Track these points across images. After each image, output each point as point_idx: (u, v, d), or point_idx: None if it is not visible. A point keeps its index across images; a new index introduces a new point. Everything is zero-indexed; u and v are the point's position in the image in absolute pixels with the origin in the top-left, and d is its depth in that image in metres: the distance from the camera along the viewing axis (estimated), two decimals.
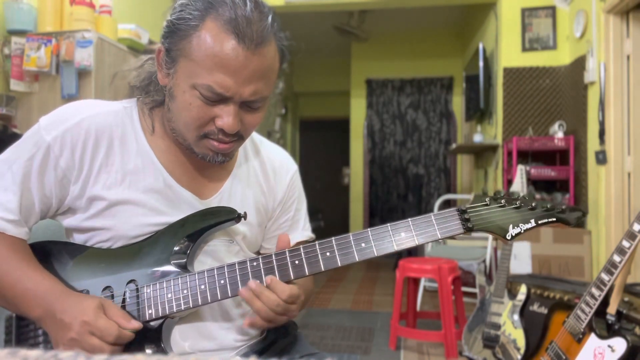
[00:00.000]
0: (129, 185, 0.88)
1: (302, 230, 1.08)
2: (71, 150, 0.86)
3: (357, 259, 0.84)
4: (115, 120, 0.90)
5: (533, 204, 0.85)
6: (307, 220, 1.10)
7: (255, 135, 1.05)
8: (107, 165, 0.88)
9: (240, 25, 0.79)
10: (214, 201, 0.94)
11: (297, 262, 0.84)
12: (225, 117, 0.83)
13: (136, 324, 0.81)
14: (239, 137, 0.88)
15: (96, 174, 0.87)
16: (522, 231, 0.84)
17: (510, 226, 0.84)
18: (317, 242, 0.85)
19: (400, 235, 0.84)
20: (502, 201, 0.86)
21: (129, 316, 0.82)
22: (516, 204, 0.85)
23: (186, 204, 0.91)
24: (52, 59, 2.50)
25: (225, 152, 0.88)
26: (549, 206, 0.85)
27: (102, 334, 0.77)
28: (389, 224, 0.85)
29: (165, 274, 0.86)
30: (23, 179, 0.84)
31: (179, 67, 0.83)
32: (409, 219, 0.85)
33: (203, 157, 0.88)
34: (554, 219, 0.85)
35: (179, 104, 0.84)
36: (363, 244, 0.84)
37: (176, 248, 0.87)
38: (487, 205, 0.85)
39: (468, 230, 0.84)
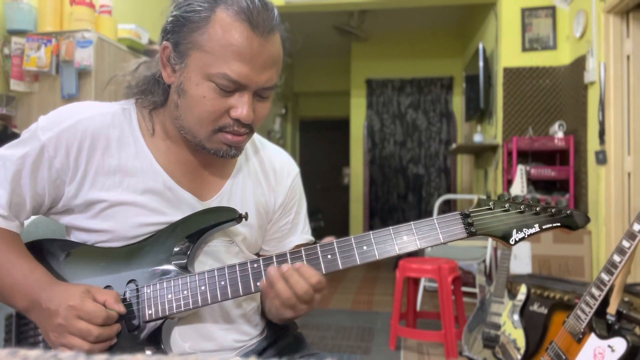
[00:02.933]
0: (127, 187, 0.88)
1: (302, 234, 1.07)
2: (66, 151, 0.85)
3: (359, 262, 0.83)
4: (113, 122, 0.89)
5: (537, 209, 0.84)
6: (307, 222, 1.09)
7: (256, 137, 1.05)
8: (104, 167, 0.87)
9: (252, 14, 0.80)
10: (214, 202, 0.94)
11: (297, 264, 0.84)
12: (241, 107, 0.83)
13: (121, 308, 0.81)
14: (250, 129, 0.88)
15: (93, 176, 0.87)
16: (525, 236, 0.83)
17: (514, 231, 0.83)
18: (318, 244, 0.85)
19: (402, 239, 0.83)
20: (506, 205, 0.84)
21: (118, 298, 0.82)
22: (520, 209, 0.84)
23: (186, 205, 0.91)
24: (52, 59, 2.50)
25: (238, 144, 0.88)
26: (553, 211, 0.84)
27: (90, 316, 0.77)
28: (391, 227, 0.84)
29: (165, 274, 0.86)
30: (14, 176, 0.85)
31: (191, 60, 0.83)
32: (412, 222, 0.84)
33: (216, 152, 0.88)
34: (559, 224, 0.84)
35: (192, 98, 0.83)
36: (365, 247, 0.83)
37: (176, 248, 0.87)
38: (490, 209, 0.85)
39: (471, 234, 0.83)
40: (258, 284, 0.84)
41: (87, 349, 0.76)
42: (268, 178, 1.02)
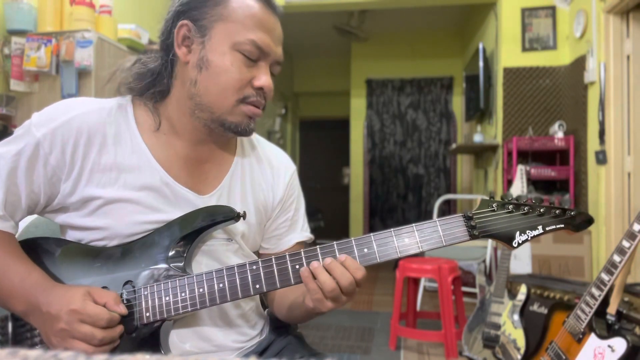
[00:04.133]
0: (123, 184, 0.87)
1: (301, 231, 1.06)
2: (61, 148, 0.85)
3: (359, 265, 0.82)
4: (109, 118, 0.89)
5: (541, 210, 0.82)
6: (306, 220, 1.09)
7: (253, 134, 1.05)
8: (100, 163, 0.86)
9: None
10: (213, 197, 0.93)
11: (297, 266, 0.82)
12: (263, 76, 0.89)
13: (123, 309, 0.80)
14: (264, 103, 0.92)
15: (89, 173, 0.86)
16: (529, 238, 0.82)
17: (517, 233, 0.82)
18: (318, 246, 0.84)
19: (403, 241, 0.82)
20: (510, 207, 0.83)
21: (118, 298, 0.81)
22: (524, 210, 0.83)
23: (184, 201, 0.90)
24: (52, 59, 2.50)
25: (257, 116, 0.92)
26: (557, 212, 0.83)
27: (93, 319, 0.76)
28: (392, 229, 0.83)
29: (163, 276, 0.85)
30: (9, 174, 0.84)
31: (215, 32, 0.87)
32: (413, 224, 0.83)
33: (237, 126, 0.90)
34: (562, 226, 0.83)
35: (218, 68, 0.87)
36: (365, 249, 0.82)
37: (173, 250, 0.86)
38: (493, 211, 0.83)
39: (474, 237, 0.82)
40: (257, 286, 0.83)
41: (91, 353, 0.75)
42: (265, 175, 1.02)
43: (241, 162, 0.99)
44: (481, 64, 4.29)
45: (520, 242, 0.82)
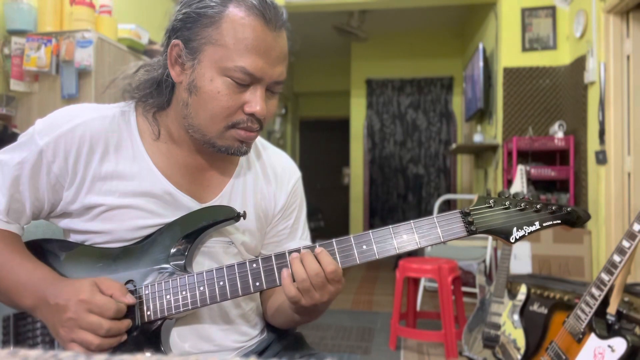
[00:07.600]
0: (124, 192, 0.87)
1: (300, 240, 1.06)
2: (64, 156, 0.85)
3: (358, 262, 0.82)
4: (111, 126, 0.88)
5: (538, 206, 0.83)
6: (307, 229, 1.08)
7: (259, 139, 1.04)
8: (102, 172, 0.86)
9: (265, 8, 0.82)
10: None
11: None
12: (255, 102, 0.84)
13: (132, 299, 0.80)
14: (260, 126, 0.88)
15: (90, 182, 0.86)
16: (526, 234, 0.82)
17: (514, 229, 0.83)
18: (317, 244, 0.84)
19: (402, 238, 0.83)
20: (506, 203, 0.84)
21: (125, 289, 0.81)
22: (520, 206, 0.83)
23: (185, 208, 0.90)
24: (52, 59, 2.50)
25: (250, 140, 0.88)
26: (554, 208, 0.83)
27: (101, 309, 0.76)
28: (390, 226, 0.83)
29: (164, 275, 0.85)
30: (13, 182, 0.84)
31: (204, 56, 0.82)
32: (411, 221, 0.84)
33: (227, 149, 0.87)
34: (559, 221, 0.83)
35: (205, 94, 0.83)
36: (364, 246, 0.82)
37: (174, 249, 0.86)
38: (490, 207, 0.84)
39: (471, 233, 0.82)
40: (257, 284, 0.83)
41: (98, 343, 0.76)
42: (269, 181, 1.01)
43: (244, 170, 0.99)
44: (481, 64, 4.29)
45: (517, 237, 0.83)
